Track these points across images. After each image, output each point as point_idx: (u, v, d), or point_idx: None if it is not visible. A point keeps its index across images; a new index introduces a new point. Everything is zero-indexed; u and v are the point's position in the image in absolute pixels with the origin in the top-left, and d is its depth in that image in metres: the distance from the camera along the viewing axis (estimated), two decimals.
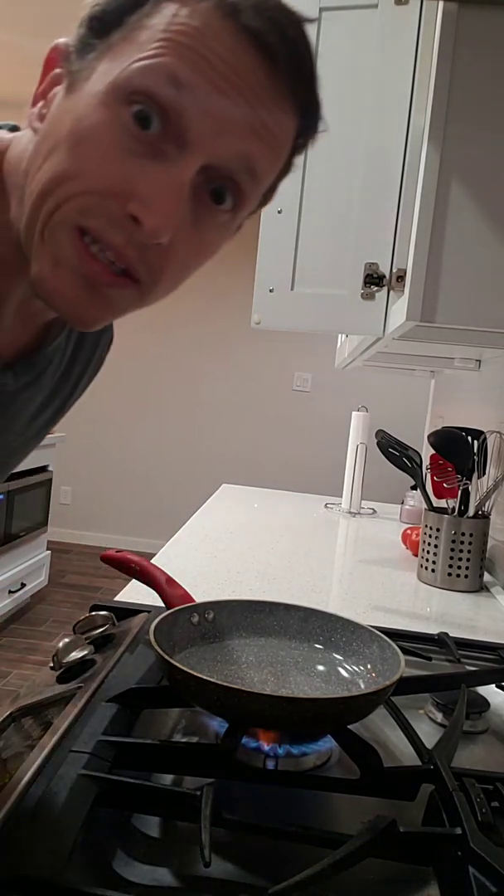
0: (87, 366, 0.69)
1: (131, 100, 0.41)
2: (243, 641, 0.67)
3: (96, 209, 0.42)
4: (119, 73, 0.42)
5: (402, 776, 0.50)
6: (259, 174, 0.46)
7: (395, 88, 0.99)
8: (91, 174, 0.42)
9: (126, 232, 0.42)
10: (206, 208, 0.45)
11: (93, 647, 0.66)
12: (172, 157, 0.42)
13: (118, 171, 0.42)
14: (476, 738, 0.64)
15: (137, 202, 0.42)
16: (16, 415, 0.59)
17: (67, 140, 0.42)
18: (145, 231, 0.42)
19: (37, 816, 0.41)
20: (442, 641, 0.84)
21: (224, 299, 4.40)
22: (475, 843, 0.41)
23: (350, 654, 0.64)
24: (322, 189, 1.06)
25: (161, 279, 0.46)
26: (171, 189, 0.42)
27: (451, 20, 0.72)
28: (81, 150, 0.42)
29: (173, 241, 0.44)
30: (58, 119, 0.44)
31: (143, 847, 0.44)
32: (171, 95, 0.41)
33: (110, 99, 0.42)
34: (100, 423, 4.45)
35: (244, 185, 0.46)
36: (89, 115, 0.42)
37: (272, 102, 0.44)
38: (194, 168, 0.43)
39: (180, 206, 0.43)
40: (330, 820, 0.50)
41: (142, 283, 0.45)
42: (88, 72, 0.43)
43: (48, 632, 3.03)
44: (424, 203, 0.74)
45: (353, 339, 1.50)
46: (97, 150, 0.42)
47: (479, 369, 1.56)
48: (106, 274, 0.44)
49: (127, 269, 0.44)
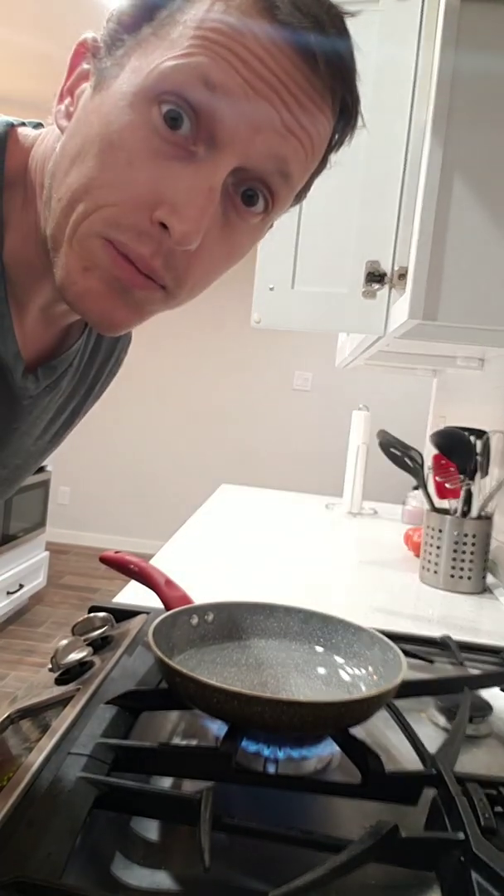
0: (104, 368, 0.68)
1: (161, 99, 0.40)
2: (243, 643, 0.66)
3: (124, 222, 0.41)
4: (149, 73, 0.40)
5: (404, 780, 0.49)
6: (293, 176, 0.44)
7: (396, 85, 0.99)
8: (119, 183, 0.41)
9: (154, 241, 0.42)
10: (236, 211, 0.44)
11: (91, 649, 0.65)
12: (203, 159, 0.41)
13: (147, 178, 0.41)
14: (479, 742, 0.64)
15: (166, 208, 0.40)
16: (36, 419, 0.58)
17: (95, 144, 0.41)
18: (174, 238, 0.41)
19: (35, 819, 0.41)
20: (444, 644, 0.84)
21: (224, 298, 4.40)
22: (478, 848, 0.40)
23: (351, 656, 0.64)
24: (323, 186, 1.05)
25: (186, 284, 0.45)
26: (200, 192, 0.41)
27: (453, 16, 0.72)
28: (109, 155, 0.41)
29: (202, 245, 0.43)
30: (85, 119, 0.43)
31: (142, 850, 0.44)
32: (203, 97, 0.40)
33: (139, 100, 0.40)
34: (98, 423, 4.45)
35: (277, 188, 0.44)
36: (118, 118, 0.41)
37: (310, 103, 0.42)
38: (226, 170, 0.41)
39: (210, 211, 0.42)
40: (331, 824, 0.49)
41: (167, 288, 0.45)
42: (117, 69, 0.42)
43: (46, 633, 3.03)
44: (426, 200, 0.73)
45: (354, 338, 1.50)
46: (125, 156, 0.41)
47: (481, 368, 1.56)
48: (138, 277, 0.43)
49: (150, 276, 0.43)
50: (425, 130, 0.75)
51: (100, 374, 0.68)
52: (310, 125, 0.43)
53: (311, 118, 0.43)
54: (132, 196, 0.41)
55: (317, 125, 0.43)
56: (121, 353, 0.70)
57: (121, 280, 0.43)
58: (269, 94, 0.40)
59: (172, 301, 0.47)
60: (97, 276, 0.43)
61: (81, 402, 0.67)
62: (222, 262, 0.47)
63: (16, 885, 0.36)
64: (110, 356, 0.68)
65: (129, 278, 0.43)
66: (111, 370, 0.70)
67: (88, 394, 0.68)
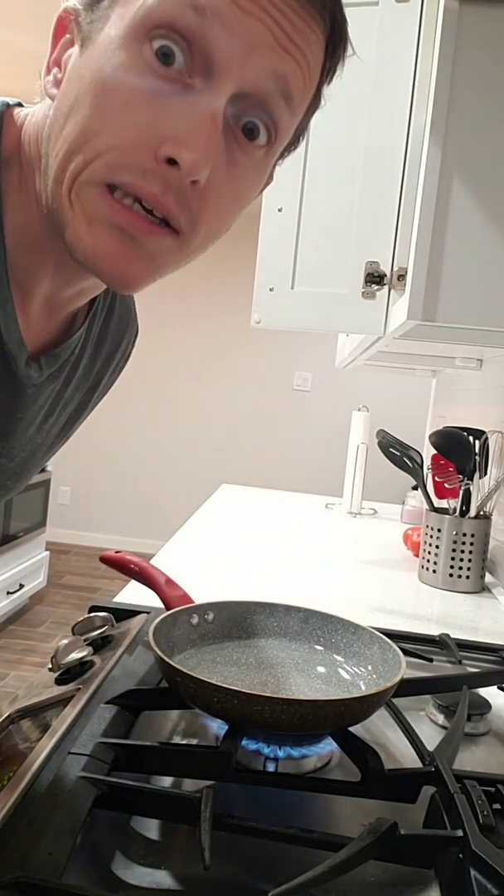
0: (111, 360, 0.67)
1: (152, 35, 0.40)
2: (243, 643, 0.67)
3: (127, 163, 0.41)
4: (136, 12, 0.40)
5: (404, 778, 0.50)
6: (293, 97, 0.44)
7: (395, 86, 0.99)
8: (117, 126, 0.40)
9: (162, 178, 0.41)
10: (239, 146, 0.44)
11: (91, 649, 0.65)
12: (201, 89, 0.41)
13: (145, 117, 0.40)
14: (477, 740, 0.64)
15: (170, 142, 0.40)
16: (41, 408, 0.58)
17: (90, 92, 0.41)
18: (183, 169, 0.40)
19: (35, 819, 0.41)
20: (443, 643, 0.84)
21: (224, 298, 4.40)
22: (476, 846, 0.41)
23: (351, 655, 0.64)
24: (322, 187, 1.05)
25: (200, 225, 0.44)
26: (203, 120, 0.40)
27: (453, 17, 0.72)
28: (104, 99, 0.40)
29: (209, 183, 0.42)
30: (76, 76, 0.42)
31: (143, 849, 0.44)
32: (193, 22, 0.39)
33: (129, 40, 0.40)
34: (99, 423, 4.44)
35: (278, 113, 0.44)
36: (109, 61, 0.40)
37: (299, 18, 0.42)
38: (225, 96, 0.41)
39: (215, 140, 0.41)
40: (330, 822, 0.49)
41: (181, 233, 0.44)
42: (102, 21, 0.42)
43: (46, 633, 3.03)
44: (425, 201, 0.74)
45: (353, 339, 1.50)
46: (121, 98, 0.40)
47: (480, 368, 1.56)
48: (143, 222, 0.42)
49: (166, 216, 0.42)
50: (424, 131, 0.75)
51: (106, 367, 0.67)
52: (303, 42, 0.42)
53: (304, 35, 0.42)
54: (133, 136, 0.40)
55: (309, 43, 0.43)
56: (128, 345, 0.69)
57: (125, 229, 0.42)
58: (258, 13, 0.40)
59: (187, 248, 0.45)
60: (103, 229, 0.42)
61: (88, 395, 0.67)
62: (232, 202, 0.46)
63: (16, 884, 0.36)
64: (117, 348, 0.67)
65: (131, 224, 0.42)
66: (118, 364, 0.69)
67: (95, 387, 0.67)
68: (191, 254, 0.47)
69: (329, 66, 0.47)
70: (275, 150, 0.46)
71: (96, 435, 4.47)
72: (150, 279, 0.46)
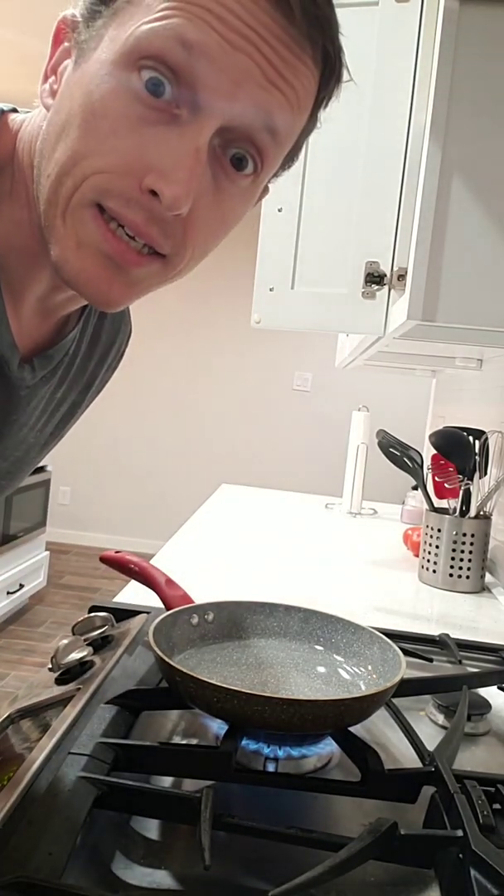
0: (105, 360, 0.68)
1: (141, 65, 0.40)
2: (243, 643, 0.67)
3: (113, 188, 0.41)
4: (126, 39, 0.40)
5: (404, 778, 0.50)
6: (279, 131, 0.44)
7: (395, 86, 0.99)
8: (105, 151, 0.41)
9: (145, 209, 0.42)
10: (226, 175, 0.44)
11: (91, 649, 0.65)
12: (187, 121, 0.41)
13: (132, 145, 0.41)
14: (477, 740, 0.64)
15: (154, 174, 0.40)
16: (34, 409, 0.58)
17: (78, 116, 0.41)
18: (164, 203, 0.41)
19: (35, 819, 0.41)
20: (443, 643, 0.84)
21: (223, 298, 4.40)
22: (476, 846, 0.41)
23: (351, 655, 0.64)
24: (322, 188, 1.05)
25: (185, 252, 0.45)
26: (187, 155, 0.41)
27: (453, 18, 0.72)
28: (93, 125, 0.41)
29: (195, 210, 0.43)
30: (68, 93, 0.43)
31: (143, 849, 0.44)
32: (181, 58, 0.40)
33: (119, 67, 0.40)
34: (99, 423, 4.45)
35: (264, 146, 0.44)
36: (99, 87, 0.41)
37: (290, 53, 0.41)
38: (210, 130, 0.41)
39: (198, 173, 0.42)
40: (330, 822, 0.49)
41: (167, 257, 0.44)
42: (96, 40, 0.42)
43: (46, 633, 3.03)
44: (425, 201, 0.74)
45: (353, 339, 1.50)
46: (109, 125, 0.41)
47: (480, 368, 1.56)
48: (130, 253, 0.43)
49: (149, 244, 0.43)
50: (424, 132, 0.75)
51: (100, 367, 0.67)
52: (292, 77, 0.42)
53: (293, 70, 0.42)
54: (119, 164, 0.41)
55: (299, 77, 0.43)
56: (121, 345, 0.70)
57: (113, 257, 0.43)
58: (246, 48, 0.40)
59: (172, 271, 0.46)
60: (90, 254, 0.43)
61: (82, 394, 0.67)
62: (218, 228, 0.46)
63: (16, 884, 0.36)
64: (110, 348, 0.68)
65: (121, 255, 0.43)
66: (111, 364, 0.70)
67: (89, 387, 0.67)
68: (176, 275, 0.47)
69: (324, 94, 0.47)
70: (262, 178, 0.47)
71: (96, 435, 4.48)
72: (133, 299, 0.47)
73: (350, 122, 1.02)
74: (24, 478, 0.67)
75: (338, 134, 1.02)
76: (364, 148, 1.02)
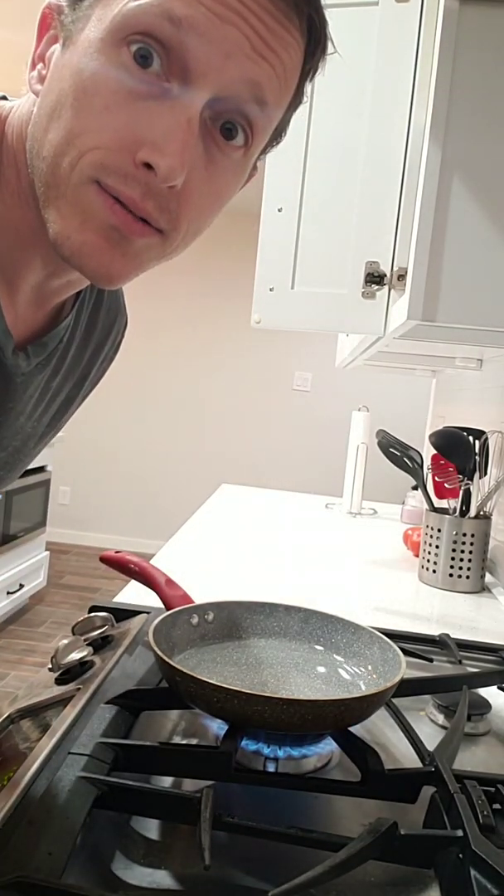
0: (100, 350, 0.68)
1: (129, 40, 0.40)
2: (243, 643, 0.67)
3: (110, 164, 0.42)
4: (114, 17, 0.41)
5: (404, 778, 0.50)
6: (268, 102, 0.44)
7: (395, 86, 0.99)
8: (99, 127, 0.41)
9: (141, 183, 0.42)
10: (217, 146, 0.44)
11: (91, 649, 0.65)
12: (177, 94, 0.41)
13: (125, 120, 0.41)
14: (477, 740, 0.64)
15: (147, 148, 0.41)
16: (30, 398, 0.58)
17: (70, 95, 0.42)
18: (159, 175, 0.41)
19: (35, 819, 0.41)
20: (443, 643, 0.84)
21: (223, 298, 4.40)
22: (476, 846, 0.41)
23: (351, 655, 0.64)
24: (322, 187, 1.05)
25: (181, 224, 0.45)
26: (179, 126, 0.41)
27: (453, 17, 0.72)
28: (85, 102, 0.41)
29: (188, 183, 0.43)
30: (58, 75, 0.43)
31: (143, 849, 0.44)
32: (170, 33, 0.40)
33: (107, 44, 0.41)
34: (99, 423, 4.45)
35: (254, 117, 0.44)
36: (88, 64, 0.41)
37: (277, 24, 0.42)
38: (201, 102, 0.42)
39: (191, 144, 0.42)
40: (330, 822, 0.49)
41: (163, 232, 0.45)
42: (83, 21, 0.42)
43: (46, 633, 3.03)
44: (425, 201, 0.74)
45: (353, 339, 1.50)
46: (101, 101, 0.41)
47: (480, 368, 1.56)
48: (135, 223, 0.43)
49: (145, 218, 0.43)
50: (424, 131, 0.75)
51: (95, 358, 0.68)
52: (279, 48, 0.43)
53: (280, 41, 0.43)
54: (114, 139, 0.41)
55: (287, 48, 0.43)
56: (117, 335, 0.70)
57: (118, 228, 0.43)
58: (234, 20, 0.40)
59: (169, 247, 0.47)
60: (93, 228, 0.43)
61: (78, 386, 0.67)
62: (212, 202, 0.47)
63: (16, 884, 0.36)
64: (105, 339, 0.68)
65: (126, 225, 0.43)
66: (107, 354, 0.70)
67: (85, 378, 0.68)
68: (173, 252, 0.48)
69: (309, 66, 0.47)
70: (253, 150, 0.47)
71: (96, 435, 4.48)
72: (133, 275, 0.47)
73: (350, 122, 1.02)
74: (23, 470, 0.67)
75: (338, 134, 1.02)
76: (364, 148, 1.02)
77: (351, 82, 1.01)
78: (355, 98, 1.01)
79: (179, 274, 4.27)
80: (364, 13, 0.99)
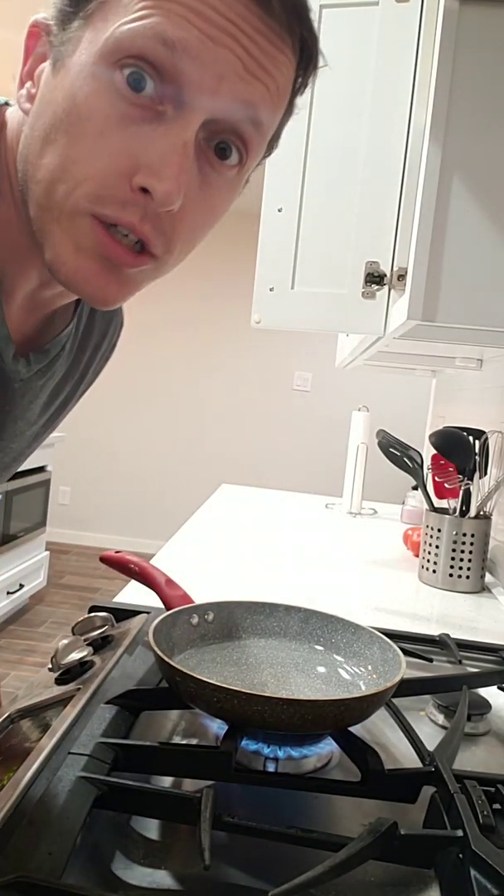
0: (97, 351, 0.68)
1: (122, 63, 0.40)
2: (243, 643, 0.67)
3: (106, 194, 0.42)
4: (106, 41, 0.40)
5: (404, 778, 0.50)
6: (262, 121, 0.44)
7: (395, 86, 0.99)
8: (94, 155, 0.41)
9: (140, 207, 0.42)
10: (212, 166, 0.44)
11: (91, 649, 0.65)
12: (172, 117, 0.41)
13: (120, 146, 0.41)
14: (477, 740, 0.64)
15: (144, 172, 0.41)
16: (30, 403, 0.59)
17: (64, 121, 0.42)
18: (157, 200, 0.41)
19: (35, 819, 0.41)
20: (443, 643, 0.84)
21: (223, 298, 4.40)
22: (476, 846, 0.41)
23: (351, 655, 0.64)
24: (322, 187, 1.05)
25: (175, 246, 0.45)
26: (175, 150, 0.41)
27: (453, 18, 0.72)
28: (80, 128, 0.41)
29: (184, 206, 0.43)
30: (49, 98, 0.43)
31: (142, 849, 0.44)
32: (163, 56, 0.40)
33: (100, 69, 0.41)
34: (99, 423, 4.45)
35: (248, 136, 0.44)
36: (81, 90, 0.41)
37: (270, 45, 0.42)
38: (196, 125, 0.42)
39: (187, 168, 0.42)
40: (330, 822, 0.49)
41: (158, 257, 0.45)
42: (74, 43, 0.42)
43: (46, 633, 3.03)
44: (425, 201, 0.74)
45: (353, 339, 1.50)
46: (95, 126, 0.41)
47: (480, 368, 1.56)
48: (128, 255, 0.44)
49: (143, 242, 0.44)
50: (424, 132, 0.75)
51: (93, 359, 0.68)
52: (272, 67, 0.43)
53: (273, 60, 0.43)
54: (109, 166, 0.41)
55: (279, 67, 0.43)
56: (113, 335, 0.70)
57: (111, 259, 0.44)
58: (227, 42, 0.40)
59: (162, 268, 0.47)
60: (89, 256, 0.44)
61: (75, 387, 0.68)
62: (205, 220, 0.47)
63: (16, 884, 0.36)
64: (102, 340, 0.68)
65: (119, 257, 0.44)
66: (104, 354, 0.70)
67: (82, 378, 0.68)
68: (167, 270, 0.48)
69: (301, 81, 0.47)
70: (247, 168, 0.47)
71: (96, 435, 4.48)
72: (128, 296, 0.48)
73: (350, 123, 1.02)
74: (16, 469, 0.68)
75: (338, 134, 1.02)
76: (364, 148, 1.02)
77: (351, 82, 1.01)
78: (355, 98, 1.01)
79: (179, 274, 4.24)
80: (364, 13, 0.99)
